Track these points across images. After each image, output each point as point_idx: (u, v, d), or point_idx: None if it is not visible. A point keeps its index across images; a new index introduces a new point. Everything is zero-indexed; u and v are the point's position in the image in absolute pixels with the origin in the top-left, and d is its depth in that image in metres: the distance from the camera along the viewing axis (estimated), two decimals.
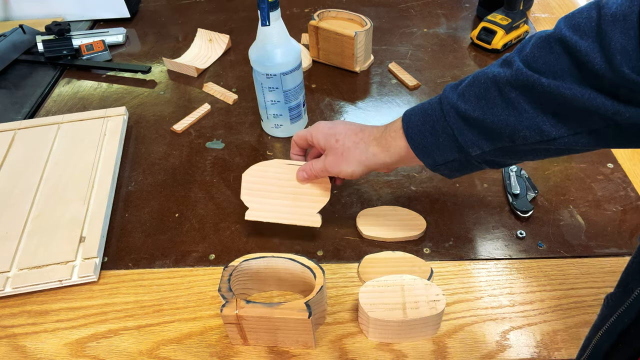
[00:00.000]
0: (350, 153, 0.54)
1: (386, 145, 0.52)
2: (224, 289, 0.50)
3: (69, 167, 0.73)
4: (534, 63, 0.40)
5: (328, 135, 0.56)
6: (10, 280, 0.59)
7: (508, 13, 0.95)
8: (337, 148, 0.55)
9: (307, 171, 0.59)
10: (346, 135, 0.55)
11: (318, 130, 0.57)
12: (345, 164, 0.55)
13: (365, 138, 0.54)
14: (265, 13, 0.64)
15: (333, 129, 0.56)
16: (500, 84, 0.42)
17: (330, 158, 0.56)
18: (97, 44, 0.99)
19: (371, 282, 0.52)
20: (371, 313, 0.49)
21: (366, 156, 0.53)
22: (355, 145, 0.54)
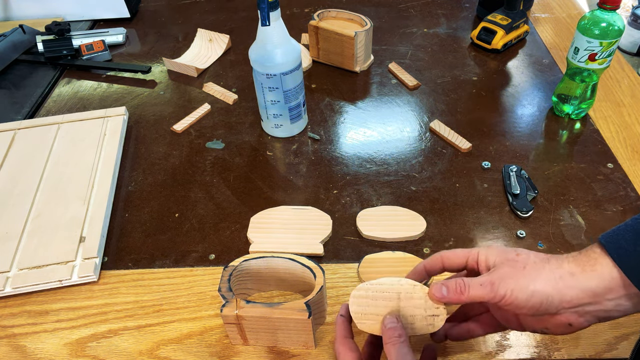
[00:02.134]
0: (536, 267, 0.40)
1: (588, 264, 0.39)
2: (224, 289, 0.50)
3: (69, 167, 0.73)
4: None
5: (506, 251, 0.43)
6: (10, 280, 0.59)
7: (508, 13, 0.95)
8: (517, 260, 0.41)
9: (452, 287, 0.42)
10: (531, 253, 0.42)
11: (491, 248, 0.44)
12: (526, 279, 0.39)
13: (556, 256, 0.41)
14: (265, 13, 0.64)
15: (512, 248, 0.43)
16: None
17: (503, 269, 0.41)
18: (97, 44, 0.99)
19: (365, 284, 0.45)
20: (360, 325, 0.44)
21: (560, 274, 0.39)
22: (544, 260, 0.41)
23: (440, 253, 0.47)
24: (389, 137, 0.79)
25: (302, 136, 0.80)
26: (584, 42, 0.70)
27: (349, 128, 0.81)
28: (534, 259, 0.41)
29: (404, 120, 0.82)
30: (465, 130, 0.78)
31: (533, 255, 0.42)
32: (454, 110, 0.83)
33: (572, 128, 0.79)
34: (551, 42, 0.98)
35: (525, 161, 0.73)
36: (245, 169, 0.74)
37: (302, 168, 0.74)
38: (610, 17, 0.68)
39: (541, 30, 1.02)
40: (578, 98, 0.77)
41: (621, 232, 0.39)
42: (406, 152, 0.76)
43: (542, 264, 0.41)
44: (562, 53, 0.95)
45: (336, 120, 0.83)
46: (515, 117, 0.81)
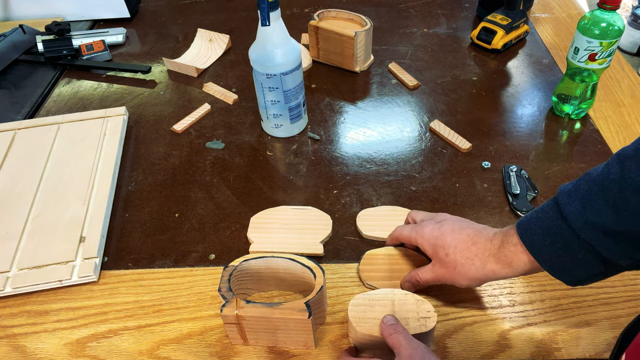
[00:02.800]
0: (464, 269, 0.50)
1: (507, 261, 0.47)
2: (224, 289, 0.50)
3: (69, 167, 0.73)
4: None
5: (436, 246, 0.52)
6: (10, 280, 0.59)
7: (508, 13, 0.95)
8: (448, 262, 0.51)
9: (413, 282, 0.55)
10: (457, 250, 0.50)
11: (424, 239, 0.53)
12: (460, 278, 0.50)
13: (479, 254, 0.49)
14: (265, 13, 0.64)
15: (441, 240, 0.52)
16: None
17: (441, 270, 0.52)
18: (97, 44, 0.99)
19: (362, 295, 0.51)
20: (359, 327, 0.48)
21: (484, 273, 0.49)
22: (469, 262, 0.49)
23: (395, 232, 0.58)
24: (389, 137, 0.79)
25: (302, 136, 0.80)
26: (584, 42, 0.70)
27: (349, 128, 0.81)
28: (460, 260, 0.50)
29: (404, 120, 0.82)
30: (465, 130, 0.78)
31: (459, 255, 0.50)
32: (454, 110, 0.83)
33: (572, 128, 0.79)
34: (551, 42, 0.98)
35: (525, 161, 0.73)
36: (245, 169, 0.74)
37: (302, 168, 0.74)
38: (610, 17, 0.68)
39: (541, 30, 1.02)
40: (578, 98, 0.77)
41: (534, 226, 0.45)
42: (406, 152, 0.76)
43: (468, 265, 0.49)
44: (562, 53, 0.95)
45: (336, 120, 0.83)
46: (515, 117, 0.81)
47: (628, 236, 0.40)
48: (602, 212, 0.40)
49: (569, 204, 0.42)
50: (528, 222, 0.46)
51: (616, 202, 0.39)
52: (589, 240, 0.41)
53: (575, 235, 0.42)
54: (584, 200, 0.41)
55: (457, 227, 0.52)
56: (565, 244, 0.42)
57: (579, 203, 0.42)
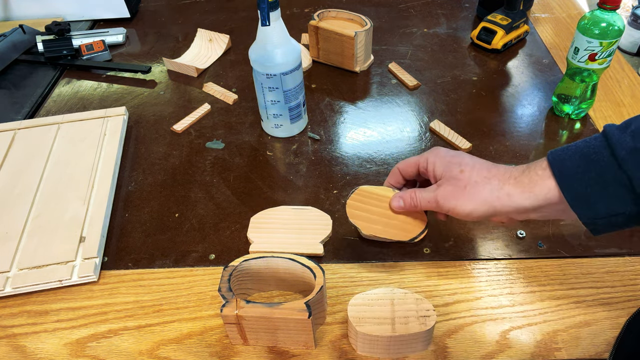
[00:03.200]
0: (476, 188, 0.44)
1: (530, 185, 0.43)
2: (224, 289, 0.50)
3: (69, 167, 0.73)
4: None
5: (451, 163, 0.47)
6: (10, 280, 0.59)
7: (508, 13, 0.95)
8: (460, 179, 0.45)
9: (407, 199, 0.50)
10: (474, 168, 0.46)
11: (437, 156, 0.48)
12: (465, 199, 0.45)
13: (499, 175, 0.45)
14: (265, 13, 0.64)
15: (458, 158, 0.47)
16: None
17: (446, 188, 0.46)
18: (97, 44, 0.99)
19: (361, 295, 0.51)
20: (359, 327, 0.48)
21: (497, 195, 0.44)
22: (486, 180, 0.44)
23: (397, 165, 0.53)
24: (389, 137, 0.79)
25: (302, 136, 0.80)
26: (584, 42, 0.70)
27: (349, 128, 0.81)
28: (475, 177, 0.45)
29: (404, 120, 0.82)
30: (465, 130, 0.78)
31: (476, 173, 0.45)
32: (454, 110, 0.83)
33: (572, 128, 0.79)
34: (551, 42, 0.98)
35: (525, 161, 0.73)
36: (245, 169, 0.74)
37: (302, 168, 0.74)
38: (610, 17, 0.68)
39: (541, 30, 1.02)
40: (578, 98, 0.77)
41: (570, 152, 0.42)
42: (406, 152, 0.76)
43: (483, 184, 0.44)
44: (562, 53, 0.95)
45: (336, 120, 0.83)
46: (515, 117, 0.81)
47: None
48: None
49: (618, 135, 0.40)
50: (564, 149, 0.43)
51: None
52: (630, 171, 0.39)
53: (616, 164, 0.39)
54: (635, 134, 0.39)
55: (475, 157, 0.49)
56: (601, 174, 0.40)
57: (629, 135, 0.39)
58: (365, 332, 0.48)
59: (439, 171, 0.48)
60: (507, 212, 0.45)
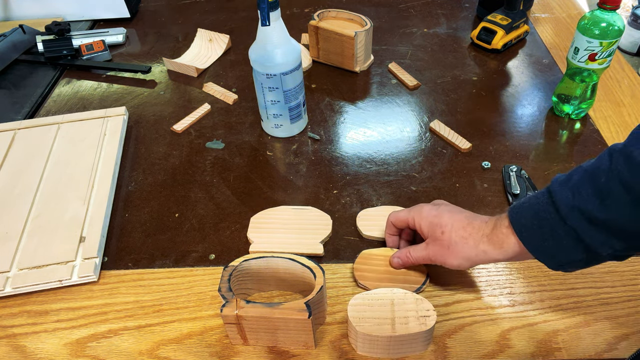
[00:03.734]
0: (457, 248, 0.51)
1: (499, 243, 0.49)
2: (224, 289, 0.50)
3: (69, 167, 0.73)
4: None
5: (433, 224, 0.54)
6: (10, 280, 0.59)
7: (508, 13, 0.95)
8: (442, 240, 0.52)
9: (403, 258, 0.57)
10: (453, 229, 0.52)
11: (421, 217, 0.55)
12: (452, 257, 0.52)
13: (474, 234, 0.51)
14: (265, 13, 0.64)
15: (438, 218, 0.53)
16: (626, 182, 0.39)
17: (434, 248, 0.54)
18: (97, 44, 0.99)
19: (361, 295, 0.51)
20: (359, 327, 0.49)
21: (475, 253, 0.51)
22: (463, 240, 0.51)
23: (389, 218, 0.59)
24: (389, 137, 0.79)
25: (302, 136, 0.80)
26: (584, 42, 0.70)
27: (349, 128, 0.81)
28: (454, 238, 0.52)
29: (404, 120, 0.82)
30: (465, 130, 0.78)
31: (454, 234, 0.52)
32: (454, 110, 0.83)
33: (572, 128, 0.79)
34: (551, 42, 0.98)
35: (525, 161, 0.73)
36: (245, 169, 0.74)
37: (302, 168, 0.74)
38: (610, 17, 0.68)
39: (541, 30, 1.02)
40: (578, 98, 0.77)
41: (523, 213, 0.47)
42: (406, 152, 0.76)
43: (461, 244, 0.51)
44: (562, 53, 0.95)
45: (336, 120, 0.83)
46: (515, 117, 0.81)
47: (610, 225, 0.41)
48: (589, 201, 0.42)
49: (560, 192, 0.44)
50: (520, 207, 0.48)
51: (602, 191, 0.41)
52: (575, 227, 0.43)
53: (562, 221, 0.43)
54: (574, 189, 0.43)
55: (454, 209, 0.55)
56: (552, 229, 0.44)
57: (569, 191, 0.43)
58: (365, 332, 0.48)
59: (425, 230, 0.55)
60: (487, 263, 0.53)
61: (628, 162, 0.39)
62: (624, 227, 0.41)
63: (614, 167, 0.41)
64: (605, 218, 0.41)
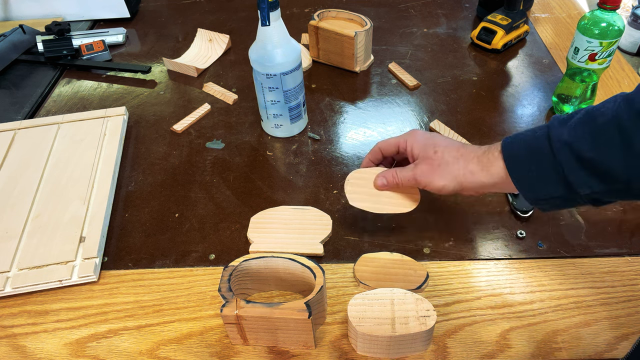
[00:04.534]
0: (447, 167, 0.52)
1: (487, 164, 0.50)
2: (224, 289, 0.50)
3: (69, 167, 0.73)
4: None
5: (427, 145, 0.54)
6: (10, 280, 0.59)
7: (508, 13, 0.95)
8: (434, 159, 0.53)
9: (389, 178, 0.56)
10: (446, 148, 0.53)
11: (415, 138, 0.55)
12: (438, 176, 0.52)
13: (466, 154, 0.52)
14: (265, 13, 0.64)
15: (432, 140, 0.54)
16: (622, 125, 0.41)
17: (422, 167, 0.53)
18: (97, 44, 0.99)
19: (361, 295, 0.51)
20: (359, 327, 0.48)
21: (463, 172, 0.51)
22: (454, 159, 0.52)
23: (378, 144, 0.59)
24: (389, 137, 0.79)
25: (302, 136, 0.80)
26: (584, 42, 0.70)
27: (349, 128, 0.81)
28: (447, 157, 0.52)
29: (404, 120, 0.82)
30: (465, 130, 0.78)
31: (447, 153, 0.52)
32: (454, 110, 0.83)
33: None
34: (551, 42, 0.98)
35: None
36: (245, 169, 0.74)
37: (302, 168, 0.74)
38: (610, 17, 0.68)
39: (541, 30, 1.02)
40: (578, 98, 0.77)
41: (517, 142, 0.48)
42: None
43: (452, 162, 0.52)
44: (562, 53, 0.95)
45: (336, 120, 0.83)
46: (515, 117, 0.81)
47: (596, 165, 0.43)
48: (583, 139, 0.43)
49: (557, 128, 0.45)
50: (515, 136, 0.49)
51: (598, 130, 0.42)
52: (562, 162, 0.44)
53: (552, 154, 0.45)
54: (570, 127, 0.45)
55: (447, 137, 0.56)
56: (540, 161, 0.46)
57: (566, 128, 0.45)
58: (365, 332, 0.48)
59: (416, 152, 0.54)
60: (471, 188, 0.52)
61: (629, 108, 0.41)
62: (609, 169, 0.42)
63: (615, 111, 0.42)
64: (592, 157, 0.42)
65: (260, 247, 0.62)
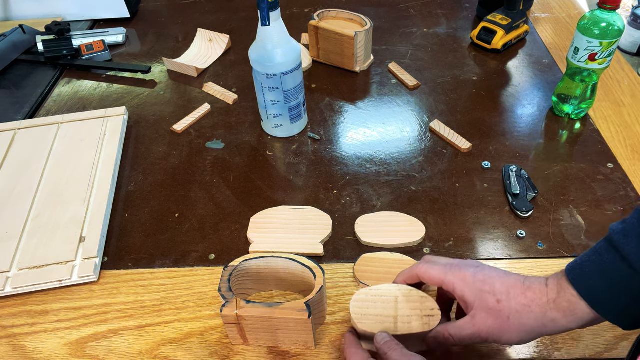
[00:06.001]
0: (520, 320, 0.42)
1: (570, 309, 0.42)
2: (224, 289, 0.50)
3: (69, 167, 0.73)
4: None
5: (483, 292, 0.44)
6: (10, 280, 0.59)
7: (508, 13, 0.95)
8: (500, 311, 0.43)
9: (441, 340, 0.46)
10: (510, 296, 0.43)
11: (465, 282, 0.45)
12: (512, 331, 0.43)
13: (537, 300, 0.43)
14: (265, 13, 0.64)
15: (488, 285, 0.44)
16: None
17: (488, 323, 0.43)
18: (97, 44, 0.99)
19: (364, 290, 0.50)
20: (360, 324, 0.48)
21: (543, 323, 0.42)
22: (527, 308, 0.42)
23: (416, 270, 0.49)
24: (389, 137, 0.79)
25: (302, 136, 0.80)
26: (584, 42, 0.70)
27: (349, 128, 0.81)
28: (515, 307, 0.43)
29: (404, 120, 0.82)
30: (465, 130, 0.78)
31: (513, 301, 0.43)
32: (454, 110, 0.83)
33: (572, 128, 0.79)
34: (551, 42, 0.98)
35: (525, 161, 0.73)
36: (245, 169, 0.74)
37: (302, 168, 0.74)
38: (610, 17, 0.68)
39: (541, 30, 1.02)
40: (578, 98, 0.77)
41: (588, 272, 0.41)
42: (406, 152, 0.76)
43: (526, 313, 0.42)
44: (562, 53, 0.95)
45: (336, 120, 0.83)
46: (515, 117, 0.81)
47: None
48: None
49: (627, 244, 0.39)
50: (580, 267, 0.42)
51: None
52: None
53: (636, 275, 0.39)
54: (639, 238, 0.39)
55: (501, 271, 0.46)
56: (628, 286, 0.39)
57: (636, 240, 0.39)
58: (367, 329, 0.48)
59: (469, 298, 0.45)
60: (552, 334, 0.44)
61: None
62: None
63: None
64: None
65: (260, 247, 0.62)
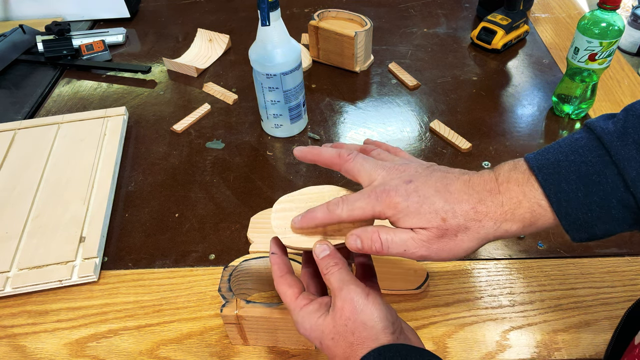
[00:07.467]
0: (469, 234, 0.37)
1: (532, 220, 0.37)
2: (224, 289, 0.50)
3: (69, 167, 0.73)
4: None
5: (419, 213, 0.37)
6: (10, 280, 0.59)
7: (508, 13, 0.95)
8: (447, 229, 0.37)
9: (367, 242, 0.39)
10: (456, 212, 0.37)
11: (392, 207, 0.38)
12: (459, 249, 0.38)
13: (491, 214, 0.37)
14: (265, 13, 0.64)
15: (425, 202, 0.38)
16: None
17: (431, 242, 0.38)
18: (97, 44, 0.99)
19: (287, 196, 0.40)
20: (285, 240, 0.38)
21: (494, 234, 0.37)
22: (477, 223, 0.37)
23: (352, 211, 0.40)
24: (389, 137, 0.79)
25: (302, 136, 0.80)
26: (584, 42, 0.70)
27: (349, 128, 0.81)
28: (463, 222, 0.37)
29: (404, 120, 0.82)
30: (465, 130, 0.78)
31: (463, 218, 0.37)
32: (454, 110, 0.83)
33: (572, 128, 0.79)
34: (551, 42, 0.98)
35: None
36: (245, 169, 0.74)
37: (302, 168, 0.74)
38: (610, 17, 0.68)
39: (541, 30, 1.02)
40: (578, 98, 0.77)
41: (564, 171, 0.35)
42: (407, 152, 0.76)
43: (476, 228, 0.37)
44: (562, 53, 0.95)
45: (336, 120, 0.83)
46: (515, 117, 0.81)
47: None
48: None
49: (622, 148, 0.33)
50: (555, 167, 0.36)
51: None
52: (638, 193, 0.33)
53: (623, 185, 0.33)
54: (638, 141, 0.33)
55: (438, 180, 0.40)
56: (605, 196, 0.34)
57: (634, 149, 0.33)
58: (293, 244, 0.39)
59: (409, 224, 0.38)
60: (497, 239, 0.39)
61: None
62: None
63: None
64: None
65: (260, 247, 0.62)
